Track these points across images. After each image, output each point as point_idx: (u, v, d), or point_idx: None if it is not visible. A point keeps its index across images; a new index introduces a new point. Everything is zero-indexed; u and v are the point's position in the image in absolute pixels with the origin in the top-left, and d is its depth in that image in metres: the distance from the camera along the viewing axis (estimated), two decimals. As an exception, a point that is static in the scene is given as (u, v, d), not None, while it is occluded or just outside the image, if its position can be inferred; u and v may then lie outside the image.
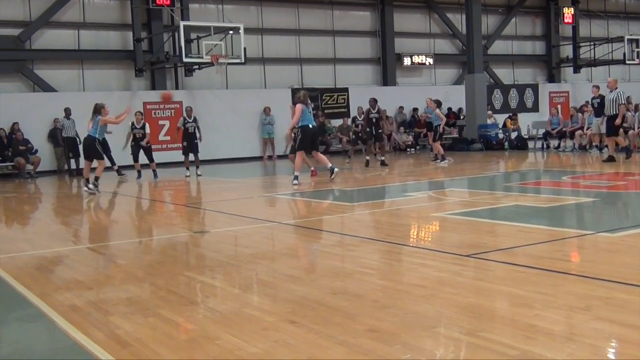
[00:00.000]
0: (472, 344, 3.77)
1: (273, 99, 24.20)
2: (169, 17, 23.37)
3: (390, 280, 5.48)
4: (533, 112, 29.55)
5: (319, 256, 6.71)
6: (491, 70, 30.05)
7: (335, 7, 26.82)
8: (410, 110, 27.05)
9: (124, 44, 23.04)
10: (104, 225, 10.25)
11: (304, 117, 13.92)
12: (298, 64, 26.17)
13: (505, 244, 6.70)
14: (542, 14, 31.99)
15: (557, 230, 7.51)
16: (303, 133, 14.00)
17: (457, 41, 29.29)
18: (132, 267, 6.62)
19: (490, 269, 5.73)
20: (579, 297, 4.57)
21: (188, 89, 23.81)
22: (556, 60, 31.94)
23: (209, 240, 8.10)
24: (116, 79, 23.07)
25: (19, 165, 19.75)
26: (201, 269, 6.39)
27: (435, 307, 4.52)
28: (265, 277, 5.87)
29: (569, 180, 12.97)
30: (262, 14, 25.35)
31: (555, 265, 5.61)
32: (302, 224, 8.91)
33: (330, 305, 4.63)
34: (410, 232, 8.19)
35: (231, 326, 4.26)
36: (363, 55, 27.51)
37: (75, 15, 22.38)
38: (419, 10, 28.76)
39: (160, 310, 4.72)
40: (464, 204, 10.35)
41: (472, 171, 15.99)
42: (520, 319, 4.17)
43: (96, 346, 3.99)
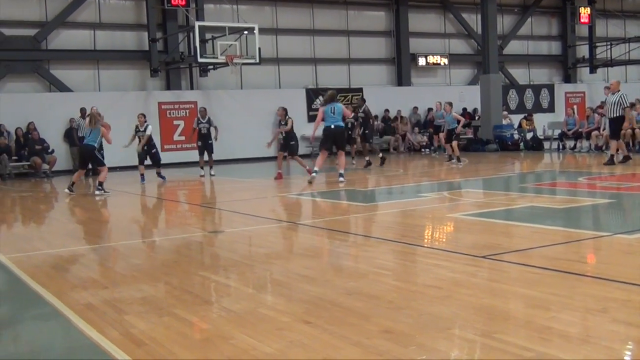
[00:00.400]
0: (487, 346, 3.75)
1: (287, 99, 24.21)
2: (184, 17, 23.46)
3: (404, 281, 5.47)
4: (549, 113, 29.42)
5: (334, 256, 6.70)
6: (506, 71, 29.92)
7: (350, 7, 26.81)
8: (424, 110, 26.98)
9: (140, 44, 23.14)
10: (119, 225, 10.29)
11: (327, 118, 14.12)
12: (312, 64, 26.18)
13: (520, 246, 6.66)
14: (558, 14, 31.82)
15: (573, 232, 7.46)
16: (323, 134, 14.31)
17: (472, 41, 29.20)
18: (147, 266, 6.64)
19: (505, 271, 5.70)
20: (596, 299, 4.53)
21: (203, 89, 23.88)
22: (572, 60, 31.75)
23: (224, 240, 8.11)
24: (131, 79, 23.19)
25: (35, 164, 19.89)
26: (216, 268, 6.41)
27: (450, 308, 4.50)
28: (280, 277, 5.87)
29: (585, 181, 12.89)
30: (276, 14, 25.38)
31: (571, 267, 5.57)
32: (316, 224, 8.91)
33: (344, 306, 4.63)
34: (424, 233, 8.17)
35: (246, 326, 4.27)
36: (377, 56, 27.47)
37: (91, 16, 22.51)
38: (434, 10, 28.69)
39: (174, 309, 4.74)
40: (479, 204, 10.30)
41: (487, 172, 15.92)
42: (536, 320, 4.14)
43: (111, 345, 4.00)
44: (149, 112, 21.98)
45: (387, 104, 26.08)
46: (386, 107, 26.03)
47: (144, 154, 16.76)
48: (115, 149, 17.74)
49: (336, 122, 14.11)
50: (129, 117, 20.63)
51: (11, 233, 9.88)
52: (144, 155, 16.77)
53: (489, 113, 24.02)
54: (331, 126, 14.07)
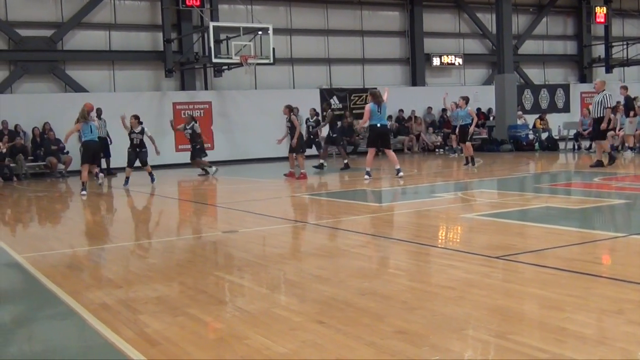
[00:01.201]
0: (501, 347, 3.74)
1: (301, 99, 24.21)
2: (198, 18, 23.53)
3: (418, 281, 5.46)
4: (564, 113, 29.25)
5: (347, 256, 6.70)
6: (521, 70, 29.77)
7: (364, 7, 26.78)
8: (439, 110, 26.91)
9: (154, 44, 23.24)
10: (132, 224, 10.34)
11: (373, 117, 14.35)
12: (326, 64, 26.18)
13: (535, 246, 6.63)
14: (574, 14, 31.63)
15: (588, 233, 7.42)
16: (370, 131, 14.61)
17: (487, 41, 29.08)
18: (161, 266, 6.67)
19: (519, 271, 5.68)
20: (611, 300, 4.50)
21: (217, 89, 23.94)
22: (588, 60, 31.55)
23: (238, 240, 8.13)
24: (146, 80, 23.28)
25: (51, 164, 20.02)
26: (230, 268, 6.43)
27: (464, 308, 4.49)
28: (293, 277, 5.87)
29: (600, 181, 12.80)
30: (290, 15, 25.41)
31: (586, 267, 5.54)
32: (330, 225, 8.90)
33: (358, 306, 4.63)
34: (438, 233, 8.15)
35: (259, 326, 4.28)
36: (392, 56, 27.43)
37: (106, 17, 22.63)
38: (449, 10, 28.60)
39: (189, 309, 4.75)
40: (493, 205, 10.26)
41: (502, 172, 15.86)
42: (550, 321, 4.12)
43: (126, 344, 4.02)
44: (164, 112, 22.12)
45: (401, 104, 26.03)
46: (400, 107, 25.98)
47: (134, 155, 16.28)
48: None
49: (382, 121, 14.42)
50: (143, 118, 20.69)
51: (27, 233, 9.95)
52: (134, 157, 16.29)
53: (503, 113, 23.92)
54: (377, 124, 14.37)
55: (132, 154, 16.34)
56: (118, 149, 20.37)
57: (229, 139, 23.37)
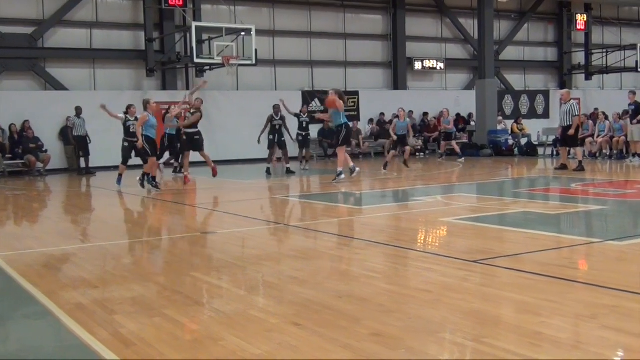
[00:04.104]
0: (477, 350, 3.76)
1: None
2: (181, 17, 23.44)
3: (395, 284, 5.47)
4: (544, 119, 29.47)
5: (325, 259, 6.70)
6: (502, 76, 29.96)
7: (347, 10, 26.82)
8: (420, 114, 27.00)
9: (136, 43, 23.11)
10: (111, 224, 10.26)
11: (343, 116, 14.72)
12: (309, 66, 26.18)
13: (512, 251, 6.67)
14: (555, 20, 31.89)
15: (565, 238, 7.48)
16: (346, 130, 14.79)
17: (469, 46, 29.23)
18: (138, 266, 6.64)
19: (496, 275, 5.71)
20: (586, 306, 4.54)
21: (206, 89, 23.81)
22: (568, 66, 31.82)
23: (216, 241, 8.11)
24: (127, 79, 23.14)
25: (29, 163, 19.83)
26: (207, 269, 6.40)
27: (441, 312, 4.50)
28: (271, 279, 5.87)
29: (578, 187, 12.91)
30: (273, 16, 25.38)
31: (562, 272, 5.59)
32: (309, 227, 8.91)
33: (335, 309, 4.63)
34: (417, 237, 8.17)
35: (235, 327, 4.26)
36: (374, 59, 27.49)
37: (87, 15, 22.47)
38: (431, 15, 28.72)
39: (165, 310, 4.73)
40: (472, 209, 10.31)
41: (481, 177, 15.94)
42: (526, 326, 4.15)
43: (100, 345, 4.00)
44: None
45: (382, 107, 26.10)
46: (382, 111, 26.03)
47: (129, 151, 15.08)
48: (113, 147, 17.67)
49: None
50: (124, 117, 20.61)
51: (4, 231, 9.84)
52: (129, 153, 15.15)
53: (484, 118, 24.06)
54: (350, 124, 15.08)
55: (128, 149, 15.08)
56: (98, 148, 20.27)
57: (209, 139, 23.13)
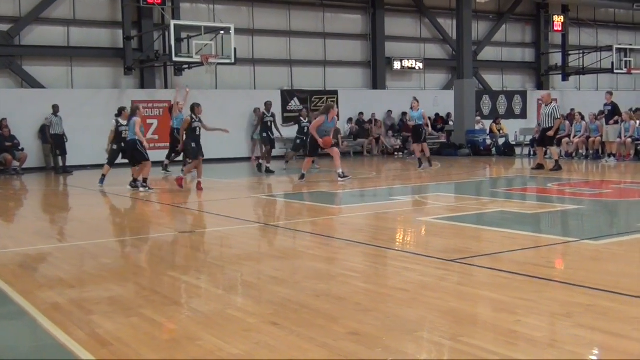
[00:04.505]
0: (453, 349, 3.79)
1: (263, 100, 24.11)
2: (159, 15, 23.31)
3: (373, 283, 5.49)
4: (521, 119, 29.70)
5: (304, 258, 6.71)
6: (480, 76, 30.14)
7: (327, 9, 26.83)
8: (399, 114, 27.09)
9: (114, 41, 22.94)
10: (88, 223, 10.17)
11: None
12: (288, 65, 26.17)
13: (489, 250, 6.72)
14: (532, 22, 32.13)
15: (541, 237, 7.55)
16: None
17: (448, 46, 29.37)
18: (116, 266, 6.60)
19: (473, 274, 5.75)
20: (561, 304, 4.59)
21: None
22: (545, 67, 32.09)
23: (195, 241, 8.08)
24: (105, 77, 22.97)
25: (5, 161, 19.62)
26: (186, 269, 6.38)
27: (418, 311, 4.53)
28: (250, 279, 5.87)
29: (554, 187, 13.03)
30: (253, 15, 25.32)
31: (538, 271, 5.64)
32: (287, 226, 8.91)
33: (312, 308, 4.64)
34: (395, 236, 8.21)
35: (213, 327, 4.26)
36: (353, 59, 27.53)
37: (65, 12, 22.27)
38: (410, 15, 28.82)
39: (142, 310, 4.71)
40: (450, 208, 10.37)
41: (460, 176, 16.03)
42: (502, 324, 4.18)
43: (77, 345, 3.97)
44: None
45: (361, 106, 26.16)
46: (361, 110, 26.09)
47: (117, 153, 15.20)
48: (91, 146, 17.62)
49: None
50: (102, 115, 20.47)
51: (-22, 230, 9.74)
52: (117, 155, 15.25)
53: (462, 118, 24.20)
54: None
55: (116, 151, 15.16)
56: (75, 147, 20.11)
57: (188, 138, 23.19)
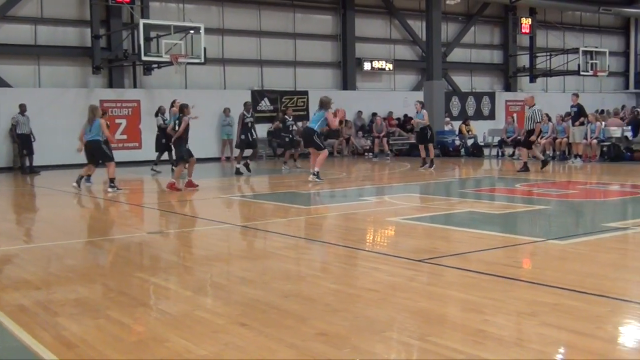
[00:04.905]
0: (422, 349, 3.81)
1: (233, 100, 24.12)
2: (128, 14, 23.09)
3: (342, 284, 5.50)
4: (489, 120, 29.99)
5: (273, 259, 6.70)
6: (450, 78, 30.37)
7: (297, 10, 26.83)
8: (369, 114, 27.17)
9: (82, 40, 22.69)
10: (55, 224, 10.04)
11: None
12: (258, 65, 26.11)
13: (458, 250, 6.77)
14: (501, 24, 32.47)
15: (509, 237, 7.62)
16: None
17: (417, 48, 29.55)
18: (82, 267, 6.52)
19: (442, 274, 5.79)
20: (527, 303, 4.64)
21: (146, 87, 23.55)
22: (513, 69, 32.44)
23: (163, 242, 8.03)
24: (73, 76, 22.70)
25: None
26: (154, 270, 6.33)
27: (387, 311, 4.55)
28: (218, 279, 5.84)
29: (522, 187, 13.18)
30: (223, 15, 25.23)
31: (506, 271, 5.70)
32: (257, 226, 8.88)
33: (281, 308, 4.63)
34: (364, 237, 8.23)
35: (181, 328, 4.23)
36: (323, 59, 27.56)
37: (32, 10, 21.96)
38: (380, 16, 28.94)
39: (109, 311, 4.66)
40: (419, 209, 10.44)
41: (429, 177, 16.13)
42: (470, 324, 4.22)
43: (42, 347, 3.92)
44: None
45: (332, 107, 26.14)
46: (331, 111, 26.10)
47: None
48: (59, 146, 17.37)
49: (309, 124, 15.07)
50: (69, 115, 20.26)
51: (-58, 231, 9.56)
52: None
53: (431, 119, 24.25)
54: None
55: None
56: (43, 147, 19.85)
57: (157, 138, 23.01)
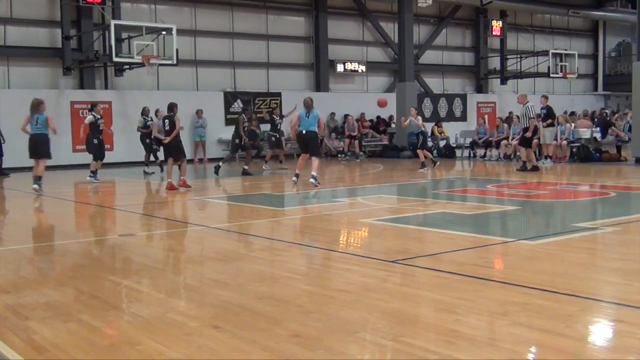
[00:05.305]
0: (395, 349, 3.83)
1: (205, 101, 24.03)
2: (99, 15, 22.89)
3: (316, 285, 5.51)
4: (461, 122, 30.21)
5: (247, 261, 6.69)
6: (422, 80, 30.54)
7: (270, 11, 26.80)
8: (342, 116, 27.21)
9: (53, 41, 22.44)
10: (25, 227, 9.93)
11: (301, 123, 14.51)
12: (231, 67, 26.03)
13: (430, 250, 6.82)
14: (472, 26, 32.73)
15: (481, 238, 7.68)
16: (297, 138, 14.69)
17: (390, 50, 29.67)
18: (53, 270, 6.46)
19: (415, 275, 5.83)
20: (499, 303, 4.69)
21: (118, 89, 23.36)
22: (484, 71, 32.72)
23: (136, 244, 7.96)
24: (43, 77, 22.43)
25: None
26: (127, 273, 6.29)
27: (360, 312, 4.56)
28: (192, 282, 5.82)
29: (493, 188, 13.30)
30: (195, 16, 25.11)
31: (477, 271, 5.75)
32: (230, 228, 8.86)
33: (255, 310, 4.63)
34: (338, 238, 8.25)
35: (154, 331, 4.21)
36: (296, 61, 27.56)
37: (2, 10, 21.66)
38: (353, 18, 29.01)
39: (81, 315, 4.62)
40: (392, 210, 10.48)
41: (401, 178, 16.21)
42: (442, 324, 4.25)
43: (12, 352, 3.87)
44: (61, 111, 21.39)
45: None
46: (296, 111, 26.11)
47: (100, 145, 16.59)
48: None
49: (308, 127, 14.35)
50: (39, 116, 19.95)
51: None
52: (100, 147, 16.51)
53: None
54: (302, 131, 14.35)
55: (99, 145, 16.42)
56: (12, 148, 19.58)
57: (129, 139, 22.75)
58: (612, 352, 3.80)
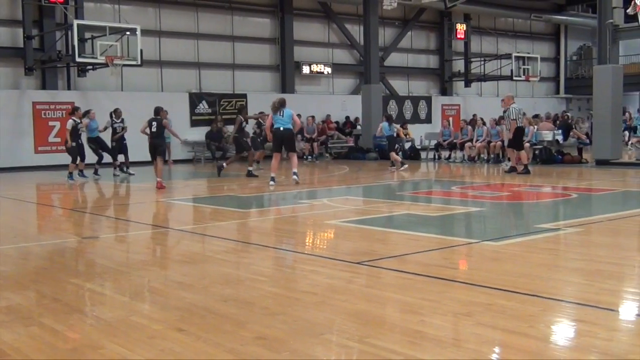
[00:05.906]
0: (360, 350, 3.84)
1: (170, 102, 23.83)
2: (62, 14, 22.57)
3: (281, 287, 5.50)
4: (426, 124, 30.46)
5: (212, 263, 6.65)
6: (387, 82, 30.71)
7: (235, 12, 26.71)
8: (308, 118, 27.19)
9: (14, 41, 22.07)
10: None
11: (275, 122, 14.68)
12: (196, 68, 25.88)
13: (395, 252, 6.85)
14: (436, 29, 33.02)
15: (445, 239, 7.75)
16: (273, 135, 14.81)
17: (355, 52, 29.79)
18: (14, 273, 6.34)
19: (380, 276, 5.85)
20: (463, 304, 4.73)
21: (81, 89, 23.06)
22: (449, 74, 33.02)
23: (99, 246, 7.87)
24: (4, 77, 22.05)
25: None
26: (89, 275, 6.21)
27: (325, 314, 4.57)
28: (156, 284, 5.76)
29: (457, 190, 13.42)
30: (160, 16, 24.92)
31: (441, 272, 5.79)
32: (195, 230, 8.81)
33: (219, 313, 4.60)
34: (303, 239, 8.25)
35: (117, 335, 4.16)
36: (262, 62, 27.51)
37: (-40, 9, 21.29)
38: (318, 20, 29.06)
39: (43, 319, 4.55)
40: (358, 212, 10.51)
41: (367, 180, 16.28)
42: (407, 325, 4.27)
43: (-30, 357, 3.80)
44: (23, 112, 21.07)
45: (270, 110, 26.11)
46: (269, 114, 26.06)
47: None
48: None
49: (284, 125, 14.43)
50: (1, 116, 19.68)
51: None
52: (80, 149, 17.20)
53: (369, 122, 24.56)
54: (280, 128, 14.43)
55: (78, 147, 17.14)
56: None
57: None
58: (574, 351, 3.86)
